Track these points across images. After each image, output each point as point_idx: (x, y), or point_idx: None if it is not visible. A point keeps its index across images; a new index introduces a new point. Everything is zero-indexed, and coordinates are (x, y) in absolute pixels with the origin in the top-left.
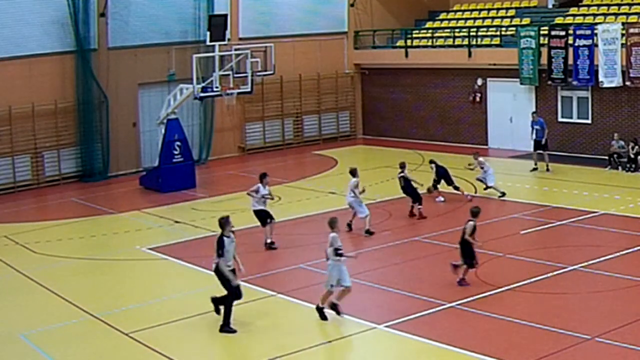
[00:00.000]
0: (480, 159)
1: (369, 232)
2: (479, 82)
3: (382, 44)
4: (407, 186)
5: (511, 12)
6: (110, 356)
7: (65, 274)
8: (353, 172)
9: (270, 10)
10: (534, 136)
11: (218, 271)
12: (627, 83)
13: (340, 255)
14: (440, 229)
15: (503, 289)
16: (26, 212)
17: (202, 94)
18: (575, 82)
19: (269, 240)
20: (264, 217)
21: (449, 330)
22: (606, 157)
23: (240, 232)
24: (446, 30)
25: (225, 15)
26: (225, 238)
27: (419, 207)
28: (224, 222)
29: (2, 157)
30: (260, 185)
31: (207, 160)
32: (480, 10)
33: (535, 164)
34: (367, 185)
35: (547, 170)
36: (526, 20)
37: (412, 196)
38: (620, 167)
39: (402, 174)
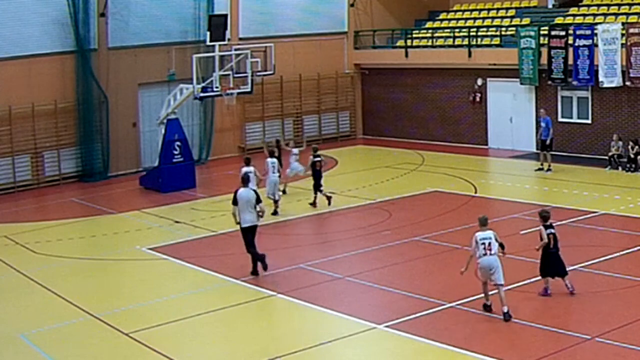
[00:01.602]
0: (295, 150)
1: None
2: (479, 82)
3: (382, 44)
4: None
5: (511, 12)
6: (110, 356)
7: (65, 274)
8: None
9: (270, 10)
10: (539, 135)
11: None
12: (627, 83)
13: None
14: (440, 229)
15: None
16: (26, 212)
17: (202, 94)
18: (575, 82)
19: None
20: None
21: (449, 330)
22: (606, 157)
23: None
24: (446, 30)
25: (225, 15)
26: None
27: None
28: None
29: (2, 157)
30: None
31: (207, 160)
32: (480, 10)
33: (542, 164)
34: (366, 185)
35: (548, 170)
36: (526, 20)
37: (318, 183)
38: (620, 167)
39: (318, 159)
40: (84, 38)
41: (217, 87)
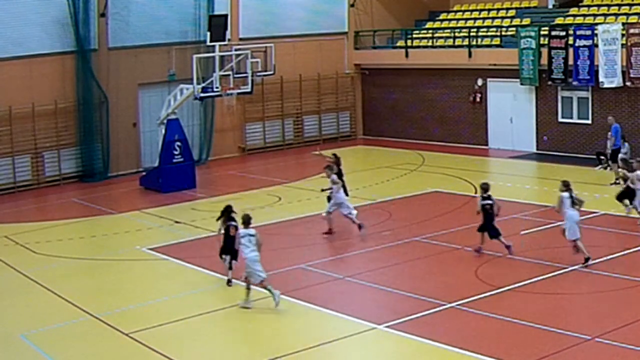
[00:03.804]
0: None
1: None
2: (479, 82)
3: (382, 44)
4: None
5: (511, 12)
6: (110, 356)
7: (65, 274)
8: None
9: (271, 10)
10: (609, 144)
11: None
12: (627, 83)
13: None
14: (440, 229)
15: (503, 289)
16: (26, 212)
17: (202, 94)
18: (575, 83)
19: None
20: None
21: (449, 330)
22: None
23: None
24: (446, 31)
25: (226, 16)
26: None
27: None
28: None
29: (2, 157)
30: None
31: (207, 160)
32: (480, 10)
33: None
34: (367, 185)
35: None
36: (526, 21)
37: None
38: (607, 166)
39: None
40: (84, 38)
41: (217, 87)
